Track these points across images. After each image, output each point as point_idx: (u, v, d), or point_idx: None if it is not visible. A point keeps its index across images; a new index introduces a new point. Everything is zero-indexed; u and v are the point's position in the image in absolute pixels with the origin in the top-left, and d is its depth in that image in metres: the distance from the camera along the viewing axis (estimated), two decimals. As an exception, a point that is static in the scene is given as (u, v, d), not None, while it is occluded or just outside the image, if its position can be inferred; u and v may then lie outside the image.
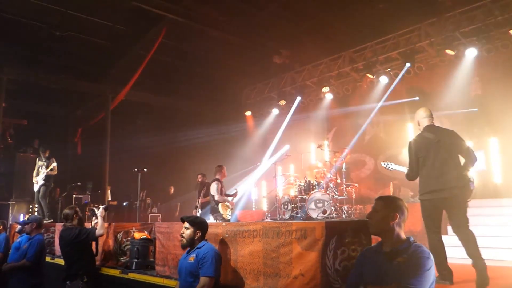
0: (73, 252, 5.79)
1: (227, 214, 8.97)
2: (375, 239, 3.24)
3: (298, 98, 14.40)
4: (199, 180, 11.06)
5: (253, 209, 15.07)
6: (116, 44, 13.43)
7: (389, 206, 2.79)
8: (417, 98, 11.96)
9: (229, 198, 9.40)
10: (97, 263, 6.85)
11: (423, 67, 11.36)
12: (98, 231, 5.85)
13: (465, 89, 10.82)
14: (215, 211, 9.26)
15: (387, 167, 5.65)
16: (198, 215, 10.09)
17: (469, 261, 4.76)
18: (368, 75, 12.33)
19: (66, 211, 6.04)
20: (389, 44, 11.89)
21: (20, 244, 7.97)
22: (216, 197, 9.06)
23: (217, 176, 9.53)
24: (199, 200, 10.41)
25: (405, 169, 5.29)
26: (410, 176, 5.13)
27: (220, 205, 9.00)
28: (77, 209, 6.09)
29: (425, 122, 5.13)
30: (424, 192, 4.98)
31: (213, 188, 9.23)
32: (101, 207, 6.27)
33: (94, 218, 6.38)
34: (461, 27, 10.44)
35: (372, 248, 2.96)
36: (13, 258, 7.92)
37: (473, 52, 10.41)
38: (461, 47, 10.58)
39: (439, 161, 4.88)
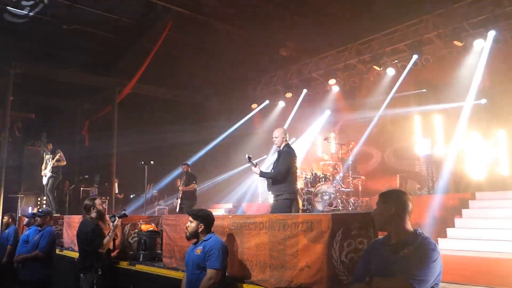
0: (87, 245, 5.72)
1: (301, 205, 9.98)
2: (382, 232, 3.25)
3: (305, 91, 14.38)
4: (184, 169, 11.09)
5: (259, 201, 15.11)
6: (123, 37, 13.45)
7: (387, 200, 2.80)
8: (424, 90, 11.90)
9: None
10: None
11: (430, 59, 11.26)
12: (102, 249, 5.62)
13: (473, 81, 10.73)
14: None
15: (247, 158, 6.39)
16: (178, 205, 10.23)
17: (476, 254, 4.74)
18: (375, 67, 12.25)
19: (86, 202, 5.93)
20: (396, 36, 11.79)
21: (28, 237, 8.05)
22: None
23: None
24: (181, 189, 10.52)
25: (256, 169, 6.23)
26: (283, 177, 6.03)
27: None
28: (97, 201, 5.90)
29: (287, 140, 6.29)
30: (292, 192, 6.07)
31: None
32: (117, 218, 5.87)
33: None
34: (470, 18, 10.33)
35: (379, 240, 2.96)
36: (21, 251, 8.01)
37: (481, 44, 10.31)
38: (469, 38, 10.48)
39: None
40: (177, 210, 10.46)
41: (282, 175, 6.00)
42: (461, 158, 11.13)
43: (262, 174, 6.20)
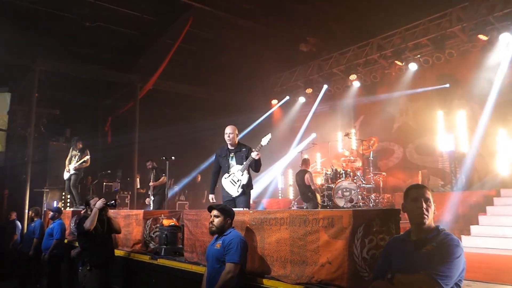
0: (79, 239, 6.03)
1: (319, 200, 10.10)
2: (404, 228, 3.21)
3: (325, 86, 14.28)
4: (150, 166, 10.93)
5: (280, 197, 15.11)
6: (144, 34, 13.58)
7: (431, 196, 2.73)
8: (447, 85, 11.70)
9: None
10: (128, 249, 7.04)
11: (454, 53, 11.05)
12: (85, 224, 5.66)
13: (498, 75, 10.48)
14: (309, 200, 9.80)
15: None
16: (151, 202, 10.19)
17: (501, 252, 4.66)
18: (396, 62, 12.08)
19: (87, 198, 6.27)
20: (418, 30, 11.60)
21: (52, 230, 8.27)
22: (313, 187, 9.79)
23: (306, 168, 10.11)
24: (151, 184, 10.51)
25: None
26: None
27: (316, 193, 9.88)
28: (92, 201, 6.02)
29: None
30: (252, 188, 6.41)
31: (309, 178, 9.79)
32: (100, 200, 5.93)
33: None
34: (495, 11, 10.08)
35: (399, 236, 2.93)
36: (47, 244, 8.22)
37: (507, 37, 10.05)
38: (494, 32, 10.22)
39: None
40: (151, 206, 10.45)
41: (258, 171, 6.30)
42: (485, 154, 10.92)
43: (258, 162, 6.12)
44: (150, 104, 15.74)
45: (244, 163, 6.08)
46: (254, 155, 5.95)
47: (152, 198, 10.50)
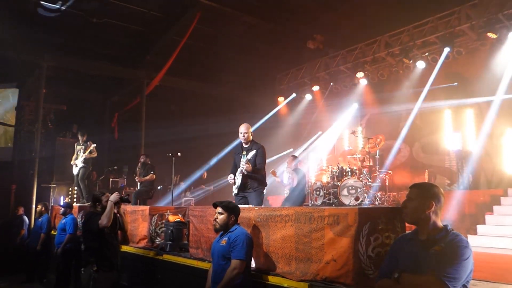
0: (85, 236, 5.73)
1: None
2: (409, 227, 3.20)
3: (332, 84, 14.22)
4: (142, 160, 10.73)
5: (285, 194, 15.08)
6: (151, 30, 13.59)
7: (424, 194, 2.71)
8: (455, 83, 11.61)
9: None
10: (133, 245, 7.07)
11: (462, 52, 10.96)
12: (101, 221, 5.33)
13: (507, 74, 10.39)
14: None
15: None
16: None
17: (508, 252, 4.62)
18: (404, 60, 12.00)
19: (95, 193, 6.00)
20: (427, 28, 11.51)
21: (65, 225, 8.34)
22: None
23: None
24: (137, 179, 10.43)
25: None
26: (263, 171, 6.34)
27: None
28: (103, 197, 5.70)
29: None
30: (265, 185, 6.38)
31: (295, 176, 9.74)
32: (114, 193, 5.66)
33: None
34: (505, 8, 9.98)
35: (407, 235, 2.90)
36: (59, 239, 8.28)
37: (517, 35, 9.96)
38: (504, 30, 10.12)
39: None
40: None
41: (264, 170, 6.28)
42: (493, 153, 10.85)
43: (254, 170, 6.08)
44: (157, 100, 15.78)
45: (242, 165, 6.10)
46: (243, 169, 6.04)
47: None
